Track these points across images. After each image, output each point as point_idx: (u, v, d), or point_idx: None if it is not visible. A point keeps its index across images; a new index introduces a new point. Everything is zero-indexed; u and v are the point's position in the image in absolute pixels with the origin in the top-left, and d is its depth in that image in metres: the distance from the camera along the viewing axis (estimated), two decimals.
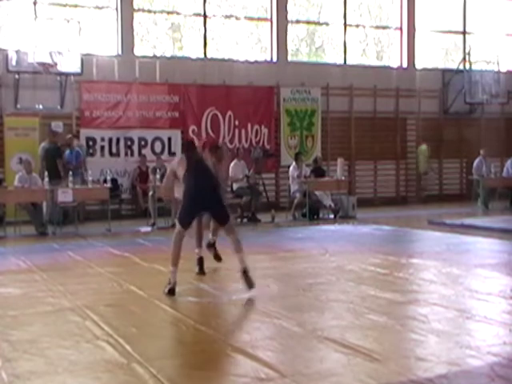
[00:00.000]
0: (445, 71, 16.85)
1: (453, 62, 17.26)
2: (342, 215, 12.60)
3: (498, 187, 14.60)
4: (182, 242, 5.89)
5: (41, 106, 12.61)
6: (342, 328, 4.51)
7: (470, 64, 16.53)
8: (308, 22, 16.21)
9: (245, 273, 5.66)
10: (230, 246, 5.86)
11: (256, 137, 14.62)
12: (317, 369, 3.71)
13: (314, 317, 4.91)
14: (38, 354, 4.00)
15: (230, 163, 11.84)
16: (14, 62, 12.12)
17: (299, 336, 4.38)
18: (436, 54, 17.49)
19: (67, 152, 12.12)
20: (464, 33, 17.32)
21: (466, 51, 16.81)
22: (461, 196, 16.59)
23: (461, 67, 16.64)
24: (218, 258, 7.08)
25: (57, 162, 11.62)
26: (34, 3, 12.86)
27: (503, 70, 16.87)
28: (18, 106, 12.58)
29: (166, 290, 5.69)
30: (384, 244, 8.99)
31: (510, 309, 5.18)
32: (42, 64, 12.01)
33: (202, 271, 6.66)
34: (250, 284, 5.62)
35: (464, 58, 16.70)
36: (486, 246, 8.65)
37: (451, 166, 17.04)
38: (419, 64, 16.71)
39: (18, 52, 12.09)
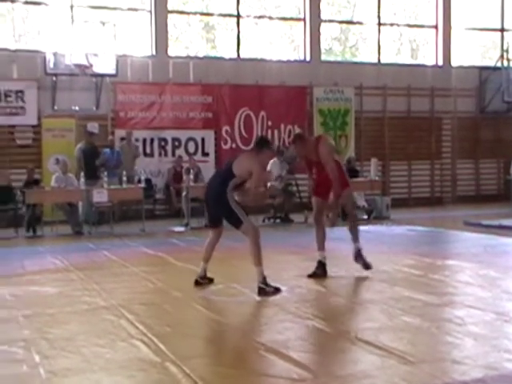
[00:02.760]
0: (482, 69, 16.54)
1: (490, 60, 16.94)
2: (375, 216, 12.48)
3: None
4: (210, 241, 6.06)
5: (77, 108, 12.83)
6: (376, 329, 4.46)
7: (508, 61, 16.18)
8: (341, 21, 16.12)
9: (261, 290, 5.56)
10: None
11: (289, 137, 14.57)
12: (350, 370, 3.69)
13: (347, 318, 4.88)
14: (75, 352, 4.06)
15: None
16: (51, 65, 12.36)
17: (332, 337, 4.35)
18: (473, 51, 17.20)
19: (108, 152, 12.28)
20: (502, 30, 16.98)
21: (504, 48, 16.47)
22: (498, 197, 16.26)
23: (498, 65, 16.31)
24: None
25: (95, 162, 11.81)
26: (71, 7, 13.09)
27: None
28: (55, 107, 12.83)
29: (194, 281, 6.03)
30: (418, 245, 8.87)
31: None
32: (79, 66, 12.22)
33: (312, 273, 6.40)
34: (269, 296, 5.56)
35: (502, 56, 16.36)
36: None
37: (488, 166, 16.72)
38: (455, 62, 16.44)
39: (55, 55, 12.32)
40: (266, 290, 5.58)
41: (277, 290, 5.62)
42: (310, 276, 6.39)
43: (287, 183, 12.57)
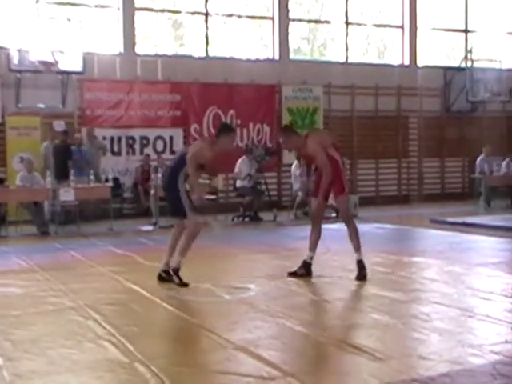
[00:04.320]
0: (447, 69, 16.83)
1: (455, 60, 17.23)
2: None
3: (500, 185, 14.58)
4: (174, 233, 6.19)
5: (42, 105, 12.59)
6: (345, 327, 4.50)
7: (472, 62, 16.49)
8: (309, 21, 16.20)
9: (167, 275, 5.94)
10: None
11: (258, 135, 14.61)
12: (320, 368, 3.71)
13: (317, 316, 4.91)
14: (40, 354, 4.00)
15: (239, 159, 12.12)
16: (15, 61, 12.11)
17: (302, 335, 4.37)
18: (438, 52, 17.47)
19: (75, 150, 12.11)
20: (466, 31, 17.29)
21: (468, 49, 16.79)
22: (462, 195, 16.58)
23: (463, 65, 16.61)
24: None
25: (67, 161, 11.62)
26: (36, 2, 12.86)
27: (505, 67, 16.83)
28: (20, 105, 12.58)
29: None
30: (386, 243, 8.98)
31: None
32: (44, 63, 12.00)
33: (293, 272, 6.30)
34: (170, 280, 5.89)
35: (466, 56, 16.67)
36: (487, 245, 8.63)
37: (453, 164, 17.03)
38: (421, 62, 16.68)
39: (19, 51, 12.08)
40: (173, 278, 5.86)
41: (183, 284, 5.82)
42: (290, 274, 6.31)
43: (256, 182, 12.59)
